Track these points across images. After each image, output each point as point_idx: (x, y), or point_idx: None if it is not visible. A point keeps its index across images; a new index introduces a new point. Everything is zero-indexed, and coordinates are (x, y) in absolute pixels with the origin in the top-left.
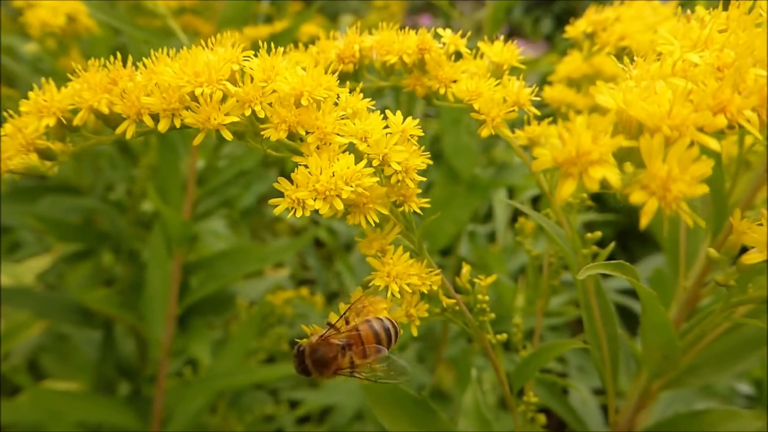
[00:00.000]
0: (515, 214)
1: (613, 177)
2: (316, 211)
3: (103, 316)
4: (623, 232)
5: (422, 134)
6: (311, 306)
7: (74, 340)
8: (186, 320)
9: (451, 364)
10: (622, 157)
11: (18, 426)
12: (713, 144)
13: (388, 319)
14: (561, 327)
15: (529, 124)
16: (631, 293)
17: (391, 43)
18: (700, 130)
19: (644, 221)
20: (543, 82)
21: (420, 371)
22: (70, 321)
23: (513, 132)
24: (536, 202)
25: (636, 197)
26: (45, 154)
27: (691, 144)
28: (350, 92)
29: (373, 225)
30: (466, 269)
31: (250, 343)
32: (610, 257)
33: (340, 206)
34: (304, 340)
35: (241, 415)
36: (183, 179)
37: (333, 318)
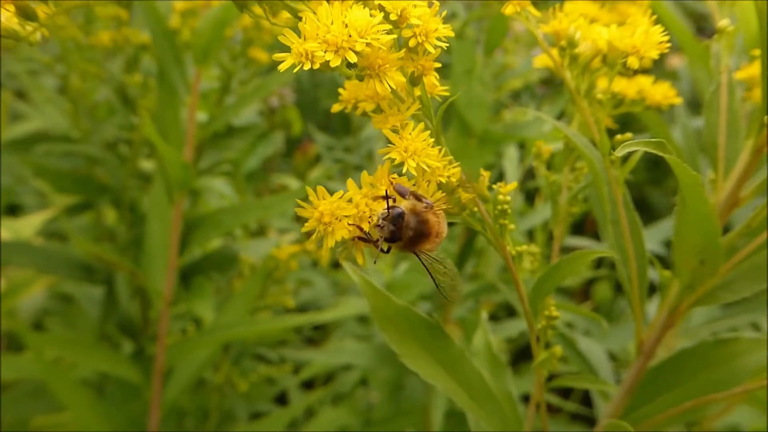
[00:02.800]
0: (525, 176)
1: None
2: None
3: (104, 271)
4: (641, 184)
5: None
6: (317, 260)
7: (77, 299)
8: (189, 278)
9: (459, 324)
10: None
11: (19, 384)
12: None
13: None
14: (567, 292)
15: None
16: None
17: None
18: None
19: (659, 97)
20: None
21: None
22: (71, 276)
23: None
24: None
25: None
26: (25, 13)
27: None
28: None
29: (390, 91)
30: (485, 175)
31: (255, 299)
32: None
33: (353, 59)
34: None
35: (245, 374)
36: (184, 125)
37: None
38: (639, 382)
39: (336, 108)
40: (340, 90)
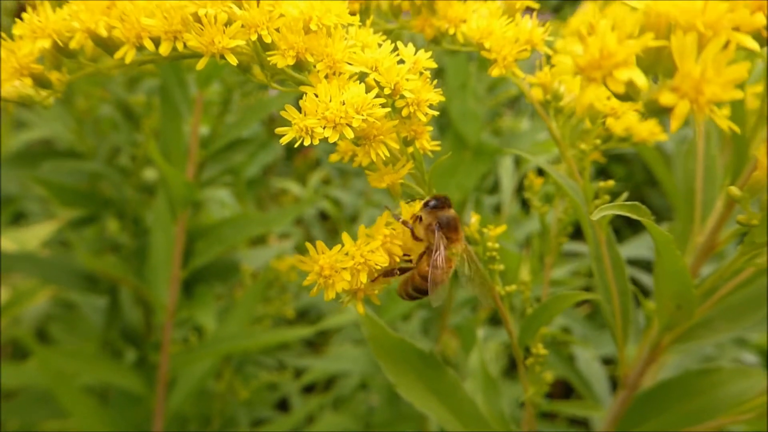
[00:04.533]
0: (521, 185)
1: (641, 79)
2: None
3: (108, 282)
4: (640, 185)
5: (435, 66)
6: None
7: (81, 307)
8: (191, 287)
9: (455, 333)
10: (648, 65)
11: (25, 391)
12: (750, 43)
13: None
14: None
15: (541, 70)
16: (638, 263)
17: None
18: (736, 29)
19: (675, 124)
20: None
21: (425, 340)
22: (76, 287)
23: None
24: (542, 171)
25: (665, 99)
26: (40, 81)
27: (726, 45)
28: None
29: (384, 159)
30: (475, 219)
31: (255, 309)
32: (618, 233)
33: (350, 135)
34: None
35: (247, 381)
36: (186, 142)
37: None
38: (625, 410)
39: (333, 158)
40: (338, 141)
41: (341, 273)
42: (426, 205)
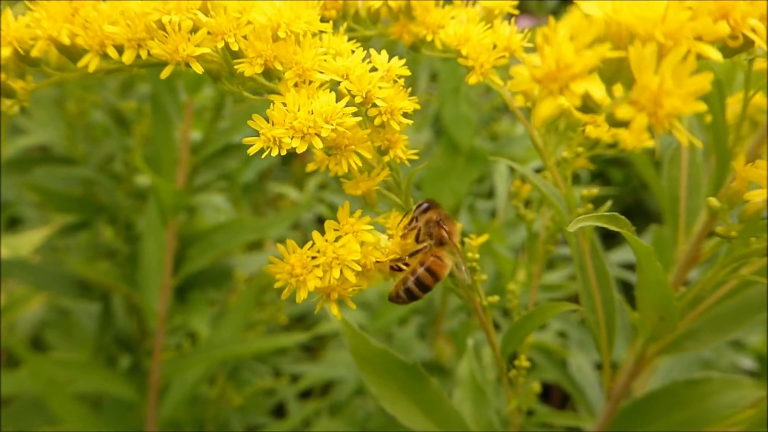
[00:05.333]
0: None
1: (597, 91)
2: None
3: (101, 288)
4: (628, 210)
5: (409, 74)
6: None
7: (75, 313)
8: (184, 293)
9: (451, 338)
10: (609, 76)
11: (19, 398)
12: (713, 54)
13: None
14: (559, 301)
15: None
16: (633, 267)
17: None
18: (699, 39)
19: (632, 139)
20: None
21: (420, 346)
22: (68, 293)
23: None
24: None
25: (622, 112)
26: (4, 91)
27: (687, 56)
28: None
29: (357, 169)
30: (458, 226)
31: (249, 315)
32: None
33: (319, 145)
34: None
35: (241, 388)
36: (177, 149)
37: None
38: (611, 421)
39: (311, 167)
40: (315, 151)
41: (314, 271)
42: (418, 207)
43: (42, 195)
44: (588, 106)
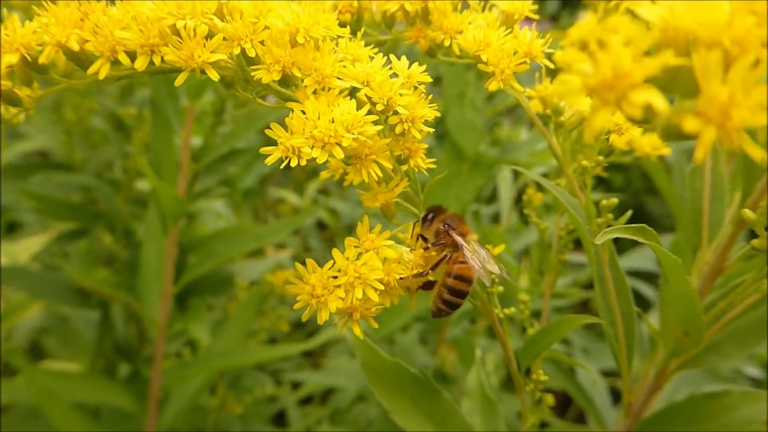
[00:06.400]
0: (520, 195)
1: (660, 102)
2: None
3: (99, 296)
4: (639, 192)
5: (430, 80)
6: None
7: (73, 321)
8: (184, 300)
9: (453, 346)
10: (664, 84)
11: (16, 407)
12: None
13: None
14: (565, 309)
15: (540, 82)
16: (640, 275)
17: None
18: (765, 46)
19: (701, 154)
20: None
21: (422, 352)
22: (66, 301)
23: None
24: (541, 187)
25: (690, 125)
26: (9, 99)
27: (756, 64)
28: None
29: (376, 179)
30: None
31: (250, 324)
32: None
33: (340, 155)
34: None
35: (241, 396)
36: (177, 155)
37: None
38: None
39: (324, 175)
40: (329, 158)
41: (335, 291)
42: (424, 219)
43: (39, 203)
44: (643, 117)
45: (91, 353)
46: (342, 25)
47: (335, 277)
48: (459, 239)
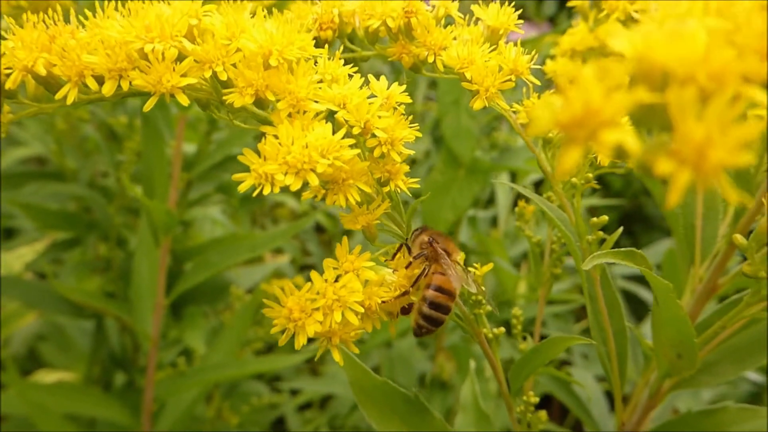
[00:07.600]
0: (518, 199)
1: (632, 142)
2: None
3: (92, 307)
4: (627, 216)
5: (410, 101)
6: None
7: (69, 329)
8: (180, 309)
9: (452, 353)
10: (639, 118)
11: (9, 418)
12: (762, 97)
13: None
14: (565, 314)
15: (528, 98)
16: (639, 279)
17: (374, 6)
18: (744, 80)
19: (673, 198)
20: (545, 63)
21: (421, 357)
22: (60, 311)
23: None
24: (539, 186)
25: (663, 166)
26: None
27: (734, 100)
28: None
29: (355, 204)
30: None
31: (245, 333)
32: (616, 244)
33: (315, 181)
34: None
35: (238, 404)
36: (169, 165)
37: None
38: None
39: (306, 196)
40: (309, 179)
41: (313, 314)
42: (413, 234)
43: (28, 212)
44: (618, 154)
45: (86, 361)
46: (324, 41)
47: (314, 300)
48: (440, 250)
